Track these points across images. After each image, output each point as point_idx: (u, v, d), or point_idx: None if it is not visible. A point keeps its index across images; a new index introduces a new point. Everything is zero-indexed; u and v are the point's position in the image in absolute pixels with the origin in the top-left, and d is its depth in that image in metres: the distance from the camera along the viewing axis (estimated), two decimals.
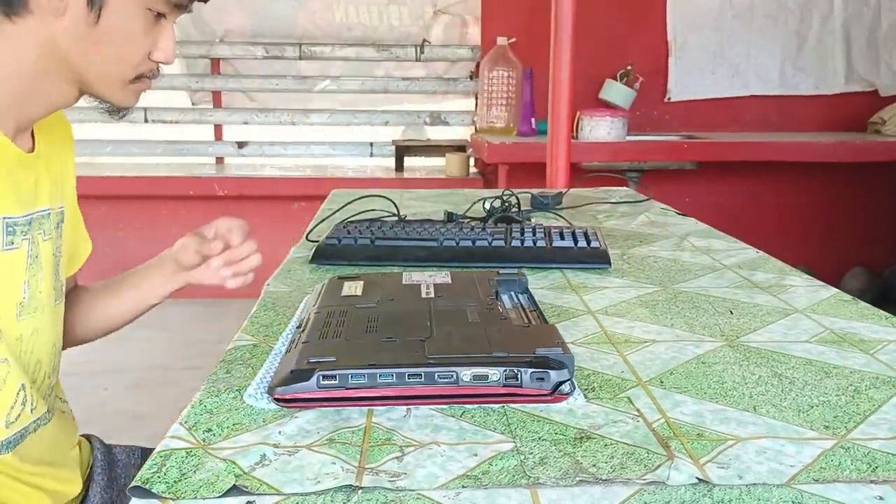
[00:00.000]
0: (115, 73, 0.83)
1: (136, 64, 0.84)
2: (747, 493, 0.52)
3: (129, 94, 0.86)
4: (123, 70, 0.83)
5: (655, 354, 0.79)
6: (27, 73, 0.81)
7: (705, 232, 1.41)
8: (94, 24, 0.79)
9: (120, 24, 0.80)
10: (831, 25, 3.52)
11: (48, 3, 0.77)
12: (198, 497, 0.52)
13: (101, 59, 0.81)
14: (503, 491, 0.53)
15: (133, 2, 0.80)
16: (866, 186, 3.58)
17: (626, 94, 3.43)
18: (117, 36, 0.81)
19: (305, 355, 0.68)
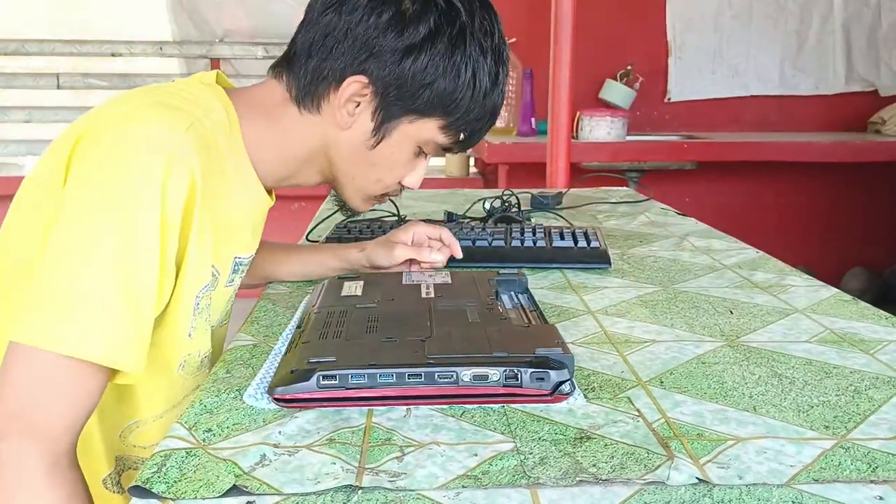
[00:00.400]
0: (369, 189, 0.91)
1: (388, 186, 0.91)
2: (747, 493, 0.52)
3: (367, 205, 0.94)
4: (376, 189, 0.91)
5: (655, 354, 0.79)
6: (299, 158, 0.88)
7: (705, 232, 1.41)
8: (371, 147, 0.86)
9: (391, 155, 0.88)
10: (831, 25, 3.53)
11: (339, 116, 0.84)
12: (198, 497, 0.52)
13: (362, 175, 0.89)
14: (503, 491, 0.53)
15: (411, 139, 0.87)
16: (866, 186, 3.58)
17: (626, 95, 3.43)
18: (385, 163, 0.88)
19: (305, 355, 0.68)
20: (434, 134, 0.87)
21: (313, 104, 0.85)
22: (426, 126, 0.86)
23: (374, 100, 0.84)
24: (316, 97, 0.85)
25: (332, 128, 0.86)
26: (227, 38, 3.65)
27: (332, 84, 0.84)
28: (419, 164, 0.91)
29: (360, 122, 0.85)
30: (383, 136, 0.86)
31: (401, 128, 0.85)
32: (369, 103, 0.84)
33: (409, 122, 0.85)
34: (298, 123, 0.86)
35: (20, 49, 3.44)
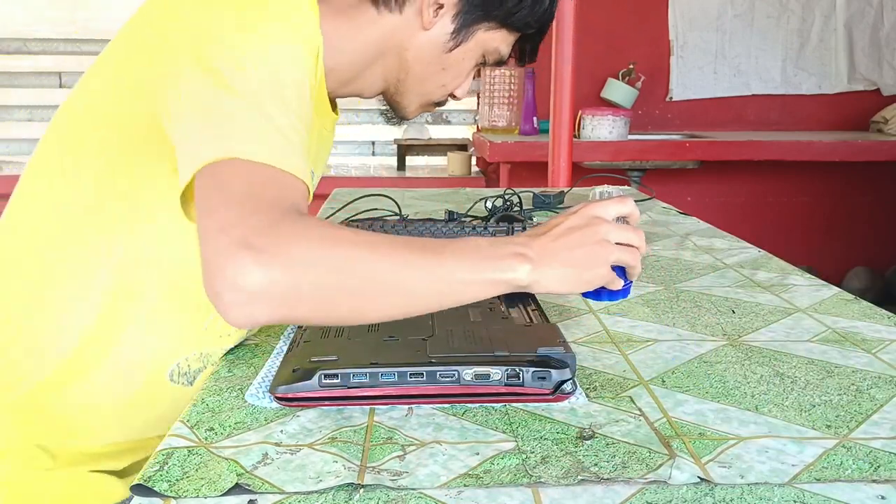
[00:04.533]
0: (432, 94, 0.91)
1: (447, 92, 0.92)
2: (749, 493, 0.52)
3: (420, 111, 0.94)
4: (435, 94, 0.91)
5: (657, 353, 0.79)
6: (367, 61, 0.87)
7: (707, 231, 1.41)
8: (448, 50, 0.86)
9: (462, 60, 0.88)
10: (833, 24, 3.52)
11: (425, 14, 0.84)
12: (200, 495, 0.52)
13: (430, 78, 0.89)
14: (505, 490, 0.53)
15: (481, 46, 0.88)
16: (869, 186, 3.58)
17: (628, 94, 3.43)
18: (455, 68, 0.88)
19: (307, 354, 0.68)
20: (501, 44, 0.89)
21: (397, 4, 0.85)
22: (498, 35, 0.88)
23: (458, 3, 0.85)
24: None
25: (413, 27, 0.85)
26: None
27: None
28: (472, 74, 0.92)
29: (441, 23, 0.85)
30: (461, 41, 0.86)
31: (478, 34, 0.87)
32: (453, 6, 0.85)
33: (485, 31, 0.87)
34: (374, 23, 0.85)
35: (22, 48, 3.45)
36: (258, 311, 0.57)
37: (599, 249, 0.66)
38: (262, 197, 0.60)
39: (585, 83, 3.20)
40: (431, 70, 0.88)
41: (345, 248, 0.60)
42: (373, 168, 3.68)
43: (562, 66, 2.34)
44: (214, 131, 0.63)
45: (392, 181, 3.39)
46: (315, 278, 0.58)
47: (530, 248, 0.65)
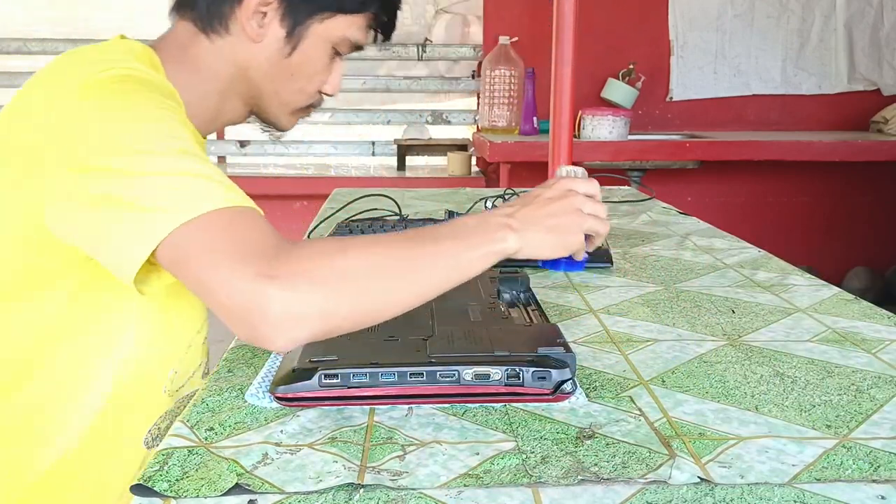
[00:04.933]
0: (293, 101, 0.90)
1: (310, 95, 0.90)
2: (749, 493, 0.52)
3: (293, 120, 0.93)
4: (300, 99, 0.90)
5: (657, 353, 0.79)
6: (220, 90, 0.86)
7: (707, 231, 1.41)
8: (287, 56, 0.85)
9: (308, 59, 0.86)
10: (833, 24, 3.52)
11: (249, 29, 0.83)
12: (200, 495, 0.52)
13: (283, 87, 0.88)
14: (505, 490, 0.53)
15: (323, 40, 0.86)
16: (869, 186, 3.58)
17: (628, 94, 3.42)
18: (303, 69, 0.87)
19: (307, 354, 0.68)
20: (346, 30, 0.86)
21: (221, 26, 0.84)
22: (337, 23, 0.85)
23: (279, 6, 0.83)
24: (222, 18, 0.83)
25: (246, 45, 0.84)
26: None
27: (234, 0, 0.83)
28: (335, 67, 0.90)
29: (271, 31, 0.84)
30: (297, 41, 0.85)
31: (312, 29, 0.85)
32: (276, 10, 0.83)
33: (319, 23, 0.85)
34: (210, 53, 0.85)
35: (22, 48, 3.45)
36: (298, 332, 0.61)
37: (575, 218, 0.75)
38: (247, 237, 0.64)
39: (585, 83, 3.19)
40: (280, 80, 0.87)
41: (354, 254, 0.65)
42: (373, 168, 3.68)
43: (562, 66, 2.34)
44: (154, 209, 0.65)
45: (392, 181, 3.39)
46: (338, 286, 0.63)
47: (515, 219, 0.72)
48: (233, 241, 0.63)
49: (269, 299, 0.60)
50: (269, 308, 0.60)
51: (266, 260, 0.61)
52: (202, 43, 0.85)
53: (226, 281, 0.61)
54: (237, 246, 0.63)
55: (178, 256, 0.64)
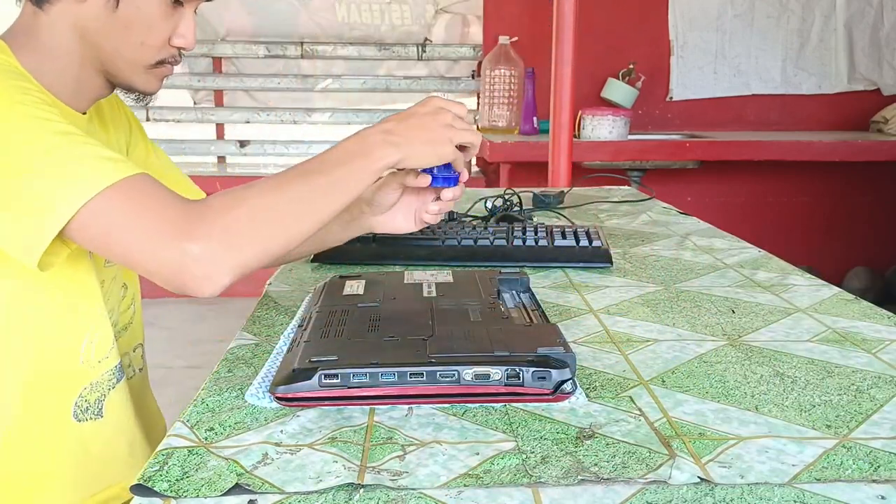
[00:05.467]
0: (137, 58, 0.86)
1: (156, 49, 0.86)
2: (749, 493, 0.52)
3: (152, 79, 0.89)
4: (145, 55, 0.86)
5: (657, 353, 0.79)
6: (71, 66, 0.85)
7: (707, 231, 1.41)
8: (115, 8, 0.82)
9: (138, 11, 0.83)
10: (833, 24, 3.52)
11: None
12: (200, 495, 0.52)
13: (123, 43, 0.84)
14: (505, 490, 0.53)
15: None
16: (869, 186, 3.58)
17: (628, 93, 3.42)
18: (137, 22, 0.83)
19: (307, 354, 0.68)
20: None
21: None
22: None
23: None
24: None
25: (73, 7, 0.82)
26: (229, 36, 3.65)
27: None
28: (182, 17, 0.86)
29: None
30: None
31: None
32: None
33: None
34: (49, 28, 0.83)
35: None
36: (222, 279, 0.70)
37: (446, 131, 0.83)
38: (151, 204, 0.71)
39: (585, 83, 3.19)
40: (116, 36, 0.84)
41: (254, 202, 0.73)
42: None
43: (562, 66, 2.34)
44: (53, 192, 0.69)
45: None
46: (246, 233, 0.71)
47: (393, 135, 0.80)
48: (140, 211, 0.70)
49: (192, 259, 0.69)
50: (194, 267, 0.69)
51: (178, 223, 0.69)
52: (40, 18, 0.83)
53: (149, 252, 0.70)
54: (146, 215, 0.70)
55: (89, 236, 0.70)
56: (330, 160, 0.77)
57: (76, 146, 0.72)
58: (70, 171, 0.70)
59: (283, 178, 0.75)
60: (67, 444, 0.86)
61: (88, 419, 0.87)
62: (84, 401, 0.86)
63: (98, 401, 0.87)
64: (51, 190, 0.69)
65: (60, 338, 0.84)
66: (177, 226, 0.69)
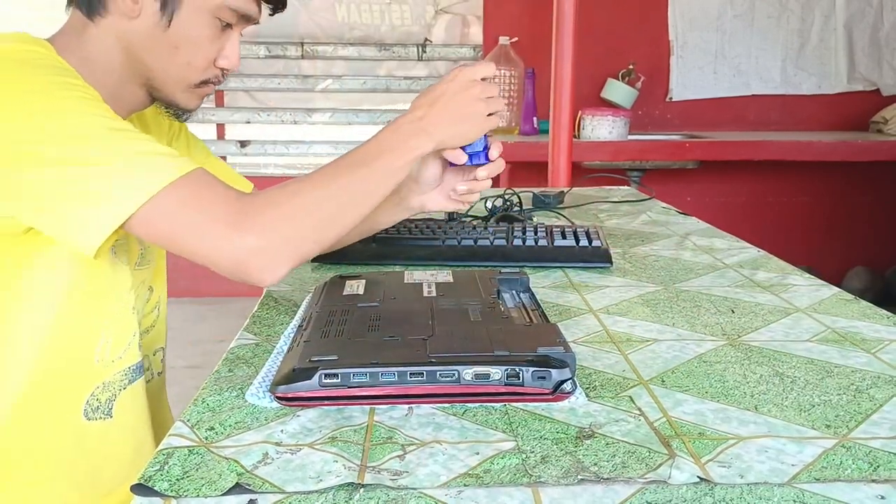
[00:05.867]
0: (183, 76, 0.88)
1: (202, 69, 0.88)
2: (749, 493, 0.52)
3: (193, 98, 0.91)
4: (190, 74, 0.88)
5: (657, 353, 0.79)
6: (115, 78, 0.86)
7: (707, 231, 1.41)
8: (166, 28, 0.84)
9: (189, 31, 0.85)
10: (833, 24, 3.52)
11: (123, 4, 0.83)
12: (200, 495, 0.52)
13: (170, 62, 0.86)
14: (505, 490, 0.53)
15: (203, 11, 0.84)
16: (868, 186, 3.58)
17: (628, 94, 3.43)
18: (186, 42, 0.85)
19: (307, 354, 0.68)
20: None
21: (101, 5, 0.84)
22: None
23: None
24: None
25: (125, 22, 0.84)
26: None
27: None
28: (228, 39, 0.88)
29: (146, 5, 0.83)
30: (172, 12, 0.83)
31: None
32: None
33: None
34: (98, 38, 0.85)
35: None
36: (281, 269, 0.75)
37: (479, 106, 0.85)
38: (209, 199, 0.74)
39: (585, 83, 3.20)
40: (165, 55, 0.86)
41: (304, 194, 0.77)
42: None
43: (562, 66, 2.34)
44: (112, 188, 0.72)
45: None
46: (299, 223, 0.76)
47: (426, 122, 0.83)
48: (200, 206, 0.73)
49: (251, 251, 0.73)
50: (254, 258, 0.74)
51: (237, 217, 0.73)
52: (90, 29, 0.85)
53: (211, 245, 0.73)
54: (207, 210, 0.73)
55: (151, 230, 0.73)
56: (370, 152, 0.81)
57: (134, 142, 0.74)
58: (133, 165, 0.72)
59: (330, 171, 0.79)
60: (74, 441, 0.85)
61: (98, 418, 0.87)
62: (95, 399, 0.86)
63: (109, 401, 0.87)
64: (113, 184, 0.71)
65: (78, 334, 0.84)
66: (236, 220, 0.73)
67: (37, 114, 0.73)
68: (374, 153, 0.81)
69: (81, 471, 0.86)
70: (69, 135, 0.72)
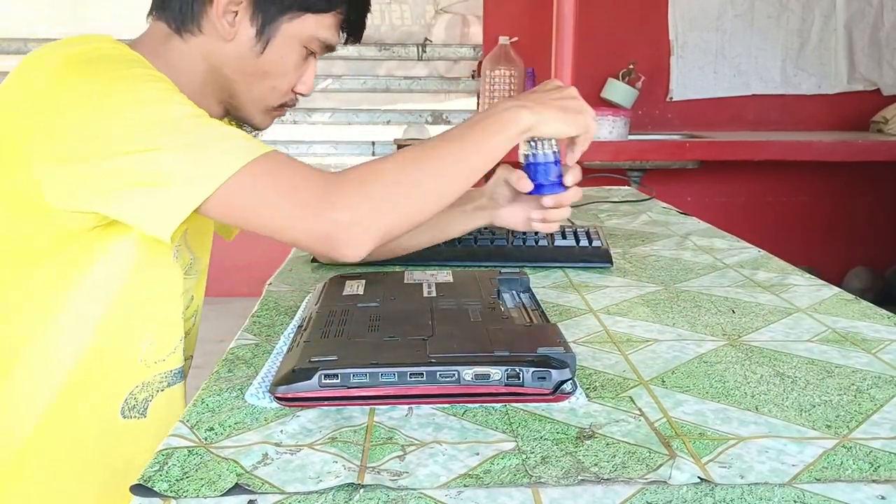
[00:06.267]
0: (265, 100, 0.91)
1: (283, 94, 0.92)
2: (749, 493, 0.52)
3: (268, 119, 0.94)
4: (272, 98, 0.92)
5: (657, 353, 0.79)
6: (194, 91, 0.87)
7: (707, 231, 1.41)
8: (259, 54, 0.88)
9: (280, 58, 0.88)
10: (833, 24, 3.52)
11: (221, 27, 0.85)
12: (200, 496, 0.52)
13: (256, 85, 0.90)
14: (505, 490, 0.53)
15: (294, 39, 0.88)
16: (869, 186, 3.58)
17: (628, 94, 3.42)
18: (275, 68, 0.89)
19: (307, 354, 0.68)
20: (315, 29, 0.88)
21: (194, 25, 0.86)
22: (306, 22, 0.88)
23: (249, 4, 0.85)
24: (195, 17, 0.86)
25: (218, 44, 0.86)
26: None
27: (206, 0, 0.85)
28: (308, 66, 0.92)
29: (242, 30, 0.86)
30: (268, 40, 0.87)
31: (282, 28, 0.87)
32: (246, 9, 0.86)
33: (288, 21, 0.87)
34: (184, 53, 0.87)
35: (22, 48, 3.44)
36: (367, 243, 0.74)
37: (580, 102, 0.86)
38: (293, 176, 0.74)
39: (585, 83, 3.19)
40: (252, 78, 0.89)
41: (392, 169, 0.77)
42: None
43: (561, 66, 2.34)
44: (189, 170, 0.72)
45: None
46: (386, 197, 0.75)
47: (526, 100, 0.83)
48: (285, 182, 0.74)
49: (337, 226, 0.73)
50: (340, 233, 0.73)
51: (321, 192, 0.73)
52: (176, 43, 0.87)
53: (296, 220, 0.74)
54: (291, 186, 0.74)
55: (231, 210, 0.74)
56: (463, 127, 0.81)
57: (211, 127, 0.75)
58: (210, 147, 0.73)
59: (419, 148, 0.79)
60: (108, 437, 0.86)
61: (133, 417, 0.87)
62: (133, 398, 0.87)
63: (145, 401, 0.88)
64: (190, 166, 0.72)
65: (126, 333, 0.85)
66: (321, 195, 0.73)
67: (118, 104, 0.74)
68: (467, 127, 0.81)
69: (111, 467, 0.87)
70: (149, 122, 0.73)
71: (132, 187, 0.72)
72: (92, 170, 0.72)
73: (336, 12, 0.89)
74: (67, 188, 0.74)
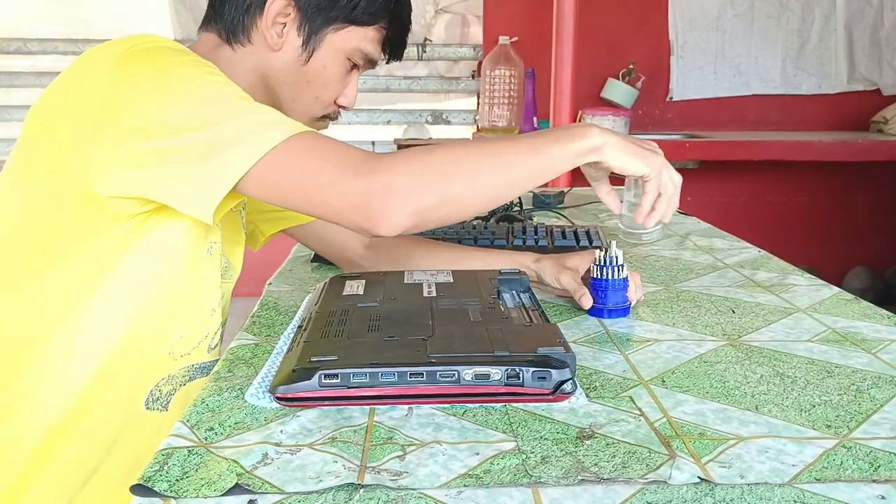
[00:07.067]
0: (309, 110, 0.93)
1: (326, 104, 0.94)
2: (749, 493, 0.52)
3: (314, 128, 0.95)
4: (316, 109, 0.94)
5: (657, 353, 0.79)
6: None
7: (707, 231, 1.41)
8: (304, 63, 0.90)
9: (324, 69, 0.91)
10: (833, 24, 3.52)
11: (269, 37, 0.88)
12: (200, 496, 0.52)
13: (301, 94, 0.92)
14: (505, 490, 0.53)
15: (340, 51, 0.91)
16: (869, 186, 3.58)
17: (628, 93, 3.42)
18: (319, 78, 0.91)
19: (307, 354, 0.68)
20: (359, 42, 0.91)
21: (244, 35, 0.89)
22: (350, 35, 0.90)
23: (297, 15, 0.88)
24: (245, 28, 0.89)
25: (266, 53, 0.89)
26: None
27: (257, 11, 0.88)
28: (351, 79, 0.95)
29: (289, 40, 0.89)
30: (313, 50, 0.90)
31: (328, 38, 0.89)
32: (293, 20, 0.88)
33: (334, 32, 0.89)
34: (233, 62, 0.89)
35: (22, 48, 3.45)
36: (403, 219, 0.72)
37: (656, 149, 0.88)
38: (335, 149, 0.74)
39: (585, 83, 3.19)
40: (297, 87, 0.91)
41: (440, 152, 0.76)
42: None
43: (562, 66, 2.34)
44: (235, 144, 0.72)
45: None
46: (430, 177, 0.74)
47: (596, 127, 0.81)
48: (326, 154, 0.74)
49: (374, 192, 0.71)
50: (375, 200, 0.71)
51: (361, 164, 0.73)
52: (225, 52, 0.89)
53: (333, 186, 0.72)
54: (332, 157, 0.73)
55: (273, 180, 0.73)
56: (530, 133, 0.81)
57: (253, 107, 0.76)
58: (247, 125, 0.73)
59: (477, 141, 0.82)
60: (130, 427, 0.86)
61: (156, 409, 0.88)
62: (158, 390, 0.87)
63: (169, 394, 0.88)
64: (231, 142, 0.72)
65: (159, 324, 0.86)
66: (361, 161, 0.73)
67: (170, 88, 0.75)
68: (533, 134, 0.80)
69: (131, 458, 0.87)
70: (196, 102, 0.74)
71: (174, 164, 0.73)
72: (142, 148, 0.74)
73: (379, 26, 0.91)
74: (115, 171, 0.75)
